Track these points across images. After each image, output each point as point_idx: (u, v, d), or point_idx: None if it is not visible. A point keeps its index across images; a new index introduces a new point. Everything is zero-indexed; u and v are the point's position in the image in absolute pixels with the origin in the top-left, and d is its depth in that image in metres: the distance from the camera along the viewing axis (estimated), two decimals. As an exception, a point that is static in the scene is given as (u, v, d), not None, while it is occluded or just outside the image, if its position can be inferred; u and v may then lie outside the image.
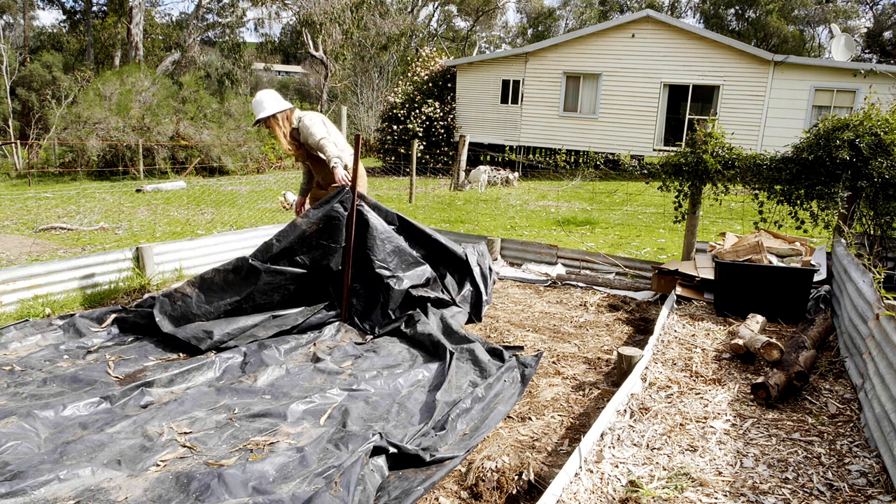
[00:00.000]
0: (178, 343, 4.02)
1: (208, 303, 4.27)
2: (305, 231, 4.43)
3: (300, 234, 4.43)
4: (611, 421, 3.00)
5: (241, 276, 4.34)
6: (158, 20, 35.77)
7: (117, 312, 4.38)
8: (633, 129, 18.21)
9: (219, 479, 2.39)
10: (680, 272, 5.47)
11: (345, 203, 4.48)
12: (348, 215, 4.48)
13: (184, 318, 4.17)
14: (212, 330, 4.05)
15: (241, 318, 4.24)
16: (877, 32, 37.08)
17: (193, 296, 4.27)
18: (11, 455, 2.58)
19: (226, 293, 4.32)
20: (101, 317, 4.34)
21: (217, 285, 4.33)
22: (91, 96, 18.34)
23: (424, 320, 4.32)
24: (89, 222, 9.03)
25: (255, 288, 4.32)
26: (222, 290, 4.33)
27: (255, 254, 4.40)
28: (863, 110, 5.28)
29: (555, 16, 47.44)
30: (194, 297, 4.26)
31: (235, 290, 4.33)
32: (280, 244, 4.40)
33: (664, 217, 10.35)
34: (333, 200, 4.50)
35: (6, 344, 3.90)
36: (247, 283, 4.34)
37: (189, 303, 4.23)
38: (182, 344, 4.00)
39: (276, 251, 4.39)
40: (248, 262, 4.33)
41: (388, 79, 31.70)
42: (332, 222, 4.46)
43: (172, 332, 4.00)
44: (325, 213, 4.46)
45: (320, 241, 4.47)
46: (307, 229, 4.44)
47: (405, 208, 11.77)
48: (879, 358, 3.11)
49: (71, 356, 3.80)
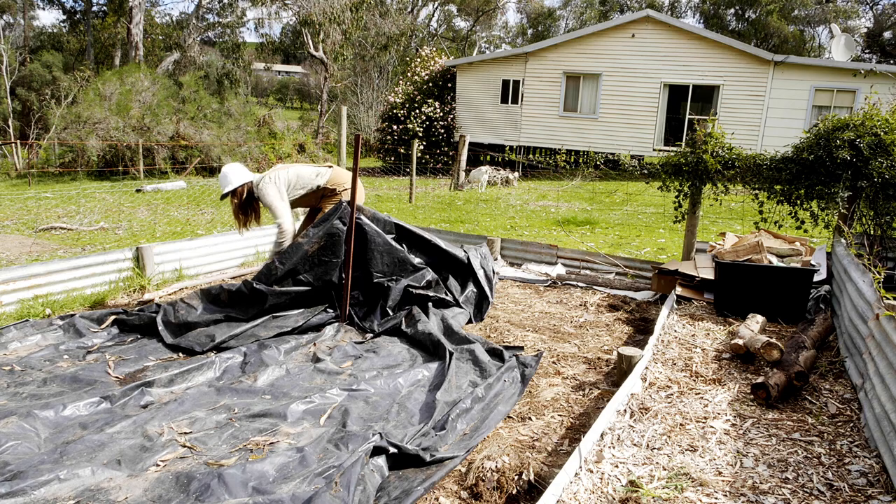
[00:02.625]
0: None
1: (212, 314, 4.33)
2: (308, 251, 4.54)
3: (303, 254, 4.53)
4: (611, 421, 3.00)
5: (247, 297, 4.43)
6: (158, 20, 35.75)
7: (117, 314, 4.38)
8: (633, 129, 18.21)
9: (219, 479, 2.39)
10: (680, 272, 5.47)
11: (343, 219, 4.58)
12: (347, 229, 4.56)
13: (185, 327, 4.20)
14: (213, 334, 4.09)
15: (243, 324, 4.28)
16: (877, 32, 37.08)
17: (199, 308, 4.33)
18: (11, 455, 2.58)
19: (231, 310, 4.40)
20: (102, 317, 4.35)
21: (223, 302, 4.42)
22: (91, 96, 18.33)
23: (424, 320, 4.33)
24: (89, 222, 9.03)
25: (261, 309, 4.41)
26: (228, 307, 4.41)
27: (258, 277, 4.50)
28: (863, 110, 5.28)
29: (555, 16, 47.45)
30: (199, 308, 4.33)
31: (241, 309, 4.41)
32: (284, 267, 4.49)
33: (664, 217, 10.35)
34: (333, 217, 4.59)
35: (6, 344, 3.90)
36: (253, 305, 4.42)
37: (193, 314, 4.28)
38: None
39: (280, 274, 4.48)
40: (254, 286, 4.41)
41: (388, 79, 31.69)
42: (332, 239, 4.56)
43: (175, 343, 4.03)
44: (326, 231, 4.56)
45: (322, 258, 4.56)
46: (309, 249, 4.55)
47: (405, 208, 11.77)
48: (879, 358, 3.11)
49: (71, 356, 3.80)
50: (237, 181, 4.70)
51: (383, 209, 11.36)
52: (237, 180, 4.70)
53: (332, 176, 5.00)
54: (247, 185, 4.74)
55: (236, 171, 4.77)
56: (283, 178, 4.79)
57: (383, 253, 4.68)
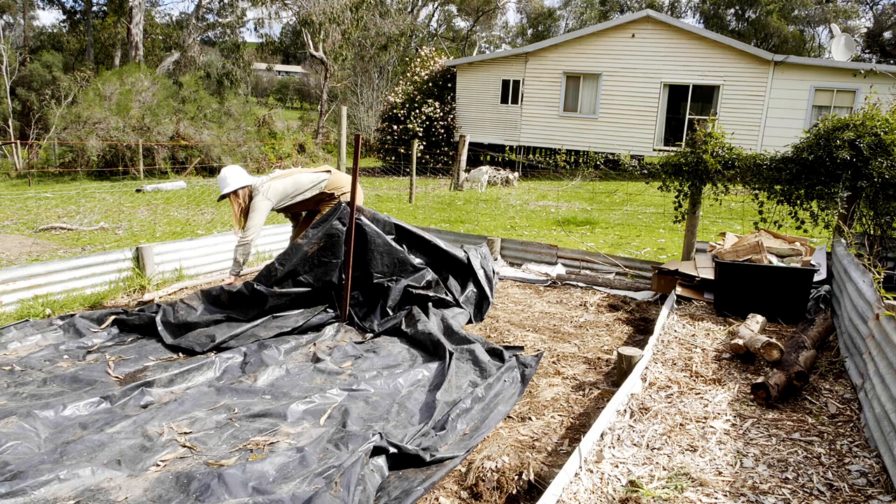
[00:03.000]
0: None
1: (212, 315, 4.33)
2: (307, 252, 4.56)
3: (302, 256, 4.55)
4: (611, 421, 3.00)
5: (247, 299, 4.43)
6: (158, 20, 35.76)
7: (117, 314, 4.39)
8: (633, 129, 18.21)
9: (219, 479, 2.39)
10: (680, 272, 5.47)
11: (343, 219, 4.59)
12: (347, 229, 4.57)
13: (185, 328, 4.20)
14: (213, 334, 4.09)
15: (243, 324, 4.28)
16: (877, 32, 37.08)
17: (199, 309, 4.34)
18: (11, 455, 2.58)
19: (232, 311, 4.40)
20: (101, 318, 4.35)
21: (223, 303, 4.43)
22: (91, 96, 18.34)
23: (424, 320, 4.33)
24: (89, 222, 9.03)
25: (261, 311, 4.41)
26: (228, 308, 4.42)
27: (258, 278, 4.50)
28: (863, 110, 5.28)
29: (555, 16, 47.45)
30: (199, 309, 4.33)
31: (241, 310, 4.41)
32: (283, 268, 4.50)
33: (664, 217, 10.35)
34: (332, 218, 4.60)
35: (6, 344, 3.90)
36: (253, 306, 4.43)
37: (193, 314, 4.29)
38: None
39: (280, 275, 4.49)
40: (254, 287, 4.42)
41: (388, 79, 31.69)
42: (332, 239, 4.57)
43: (175, 344, 4.03)
44: (325, 232, 4.57)
45: (322, 258, 4.57)
46: (308, 250, 4.56)
47: (405, 208, 11.77)
48: (879, 358, 3.11)
49: (71, 356, 3.80)
50: (235, 184, 4.75)
51: (383, 209, 11.36)
52: (235, 183, 4.76)
53: (331, 181, 5.05)
54: (248, 188, 4.81)
55: (235, 174, 4.83)
56: (280, 190, 4.86)
57: (383, 253, 4.69)
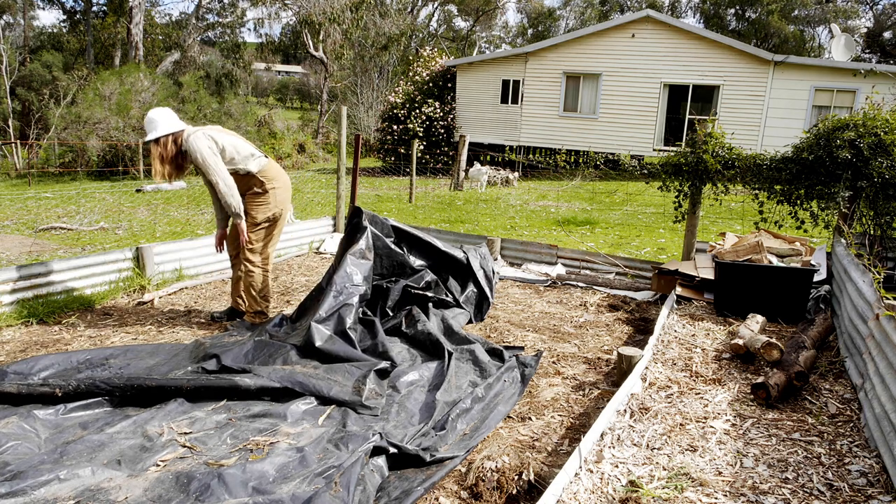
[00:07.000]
0: (178, 343, 4.02)
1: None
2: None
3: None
4: (611, 421, 3.00)
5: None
6: (158, 20, 35.77)
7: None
8: (633, 129, 18.21)
9: (219, 479, 2.39)
10: (680, 272, 5.47)
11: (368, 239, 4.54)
12: (345, 233, 4.57)
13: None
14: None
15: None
16: (877, 32, 37.09)
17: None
18: (11, 455, 2.58)
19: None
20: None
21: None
22: (91, 96, 18.35)
23: (424, 320, 4.33)
24: (89, 222, 9.04)
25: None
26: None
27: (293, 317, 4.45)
28: (863, 110, 5.27)
29: (555, 16, 47.45)
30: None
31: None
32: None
33: (664, 217, 10.35)
34: (359, 236, 4.53)
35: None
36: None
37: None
38: (182, 344, 4.01)
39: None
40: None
41: (388, 79, 31.69)
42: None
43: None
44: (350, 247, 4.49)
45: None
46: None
47: (405, 208, 11.77)
48: (879, 358, 3.11)
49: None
50: (165, 128, 4.21)
51: (383, 209, 11.36)
52: (165, 127, 4.21)
53: (267, 167, 4.48)
54: (175, 134, 4.24)
55: (165, 117, 4.26)
56: (220, 140, 4.30)
57: (383, 256, 4.69)
